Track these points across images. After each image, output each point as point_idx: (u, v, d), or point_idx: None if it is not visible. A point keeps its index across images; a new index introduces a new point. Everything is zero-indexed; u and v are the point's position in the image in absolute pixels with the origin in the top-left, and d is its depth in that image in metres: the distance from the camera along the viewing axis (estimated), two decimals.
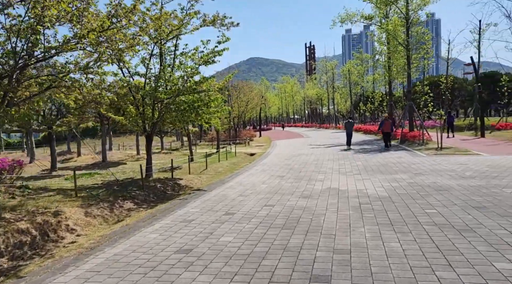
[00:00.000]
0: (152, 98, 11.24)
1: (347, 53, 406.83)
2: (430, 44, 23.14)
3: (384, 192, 8.91)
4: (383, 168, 12.90)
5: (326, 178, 11.47)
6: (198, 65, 11.78)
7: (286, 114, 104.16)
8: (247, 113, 42.77)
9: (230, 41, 11.98)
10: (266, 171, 13.94)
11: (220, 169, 16.65)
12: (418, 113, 23.35)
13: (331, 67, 59.16)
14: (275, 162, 17.09)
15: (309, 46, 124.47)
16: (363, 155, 17.88)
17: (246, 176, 13.05)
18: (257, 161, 18.12)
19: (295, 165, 15.28)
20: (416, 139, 21.71)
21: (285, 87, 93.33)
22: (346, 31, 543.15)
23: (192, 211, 7.91)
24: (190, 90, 11.19)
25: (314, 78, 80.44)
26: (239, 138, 34.93)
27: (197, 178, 13.75)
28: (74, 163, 23.21)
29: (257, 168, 15.21)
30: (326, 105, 72.18)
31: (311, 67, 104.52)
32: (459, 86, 47.33)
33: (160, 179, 12.45)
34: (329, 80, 60.54)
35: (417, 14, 22.85)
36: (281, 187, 10.37)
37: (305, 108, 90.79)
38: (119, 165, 19.59)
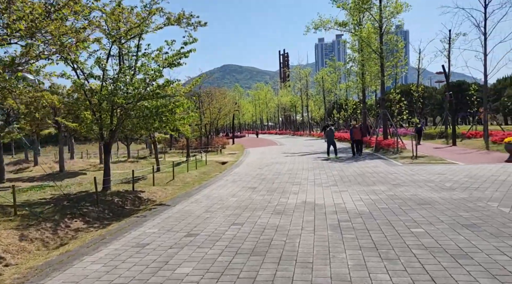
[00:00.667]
0: (109, 104, 10.13)
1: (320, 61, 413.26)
2: (403, 52, 23.05)
3: (363, 206, 8.17)
4: (360, 179, 12.25)
5: (301, 190, 10.67)
6: (162, 68, 10.77)
7: (260, 122, 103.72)
8: (219, 120, 41.76)
9: (197, 42, 11.06)
10: (237, 182, 13.01)
11: (188, 179, 15.59)
12: (392, 121, 23.12)
13: (305, 74, 59.13)
14: (247, 171, 16.19)
15: (283, 54, 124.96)
16: (339, 163, 17.28)
17: (215, 187, 12.08)
18: (228, 170, 17.17)
19: (268, 175, 14.44)
20: (390, 148, 21.40)
21: (259, 94, 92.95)
22: (319, 40, 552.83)
23: (148, 232, 6.87)
24: (153, 95, 10.16)
25: (288, 85, 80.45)
26: (211, 146, 33.85)
27: (161, 190, 12.65)
28: (29, 173, 21.46)
29: (228, 178, 14.26)
30: (300, 112, 72.16)
31: (285, 74, 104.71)
32: (429, 95, 48.22)
33: (119, 192, 11.28)
34: (303, 88, 60.47)
35: (390, 22, 22.73)
36: (252, 200, 9.47)
37: (279, 115, 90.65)
38: (78, 175, 18.14)
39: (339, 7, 23.98)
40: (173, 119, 10.75)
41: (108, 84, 10.29)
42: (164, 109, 10.38)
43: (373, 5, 22.77)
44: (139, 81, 10.13)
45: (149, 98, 10.38)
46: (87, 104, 10.58)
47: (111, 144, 11.25)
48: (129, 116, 10.47)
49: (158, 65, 10.74)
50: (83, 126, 10.87)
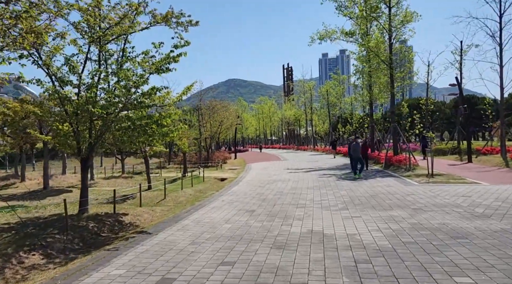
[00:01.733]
0: (85, 113, 8.79)
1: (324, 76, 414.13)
2: (413, 62, 21.78)
3: (383, 239, 6.67)
4: (373, 201, 10.74)
5: (306, 215, 9.19)
6: (148, 74, 9.45)
7: (264, 136, 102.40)
8: (221, 134, 40.43)
9: (189, 45, 9.76)
10: (234, 203, 11.55)
11: (181, 199, 14.13)
12: (403, 136, 21.65)
13: (309, 87, 57.94)
14: (246, 190, 14.72)
15: (287, 68, 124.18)
16: (347, 182, 15.77)
17: (209, 210, 10.62)
18: (226, 189, 15.69)
19: (269, 195, 12.97)
20: (402, 164, 19.88)
21: (263, 108, 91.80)
22: (323, 55, 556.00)
23: (113, 275, 5.41)
24: (137, 104, 8.82)
25: (292, 99, 79.33)
26: (212, 161, 32.43)
27: (148, 212, 11.19)
28: (13, 189, 20.11)
29: (224, 198, 12.79)
30: (304, 126, 70.81)
31: (289, 88, 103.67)
32: (437, 109, 46.81)
33: (98, 216, 9.83)
34: (307, 101, 59.22)
35: (400, 31, 21.50)
36: (249, 228, 8.01)
37: (282, 129, 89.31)
38: (62, 193, 16.74)
39: (346, 15, 22.85)
40: (161, 132, 9.38)
41: (83, 91, 8.97)
42: (149, 121, 9.03)
43: (382, 14, 21.60)
44: (120, 89, 8.81)
45: (132, 108, 9.04)
46: (63, 115, 9.26)
47: (89, 159, 9.87)
48: (109, 128, 9.11)
49: (144, 70, 9.43)
50: (56, 139, 9.50)
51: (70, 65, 8.75)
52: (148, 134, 9.25)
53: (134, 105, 8.86)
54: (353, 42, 25.85)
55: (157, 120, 9.07)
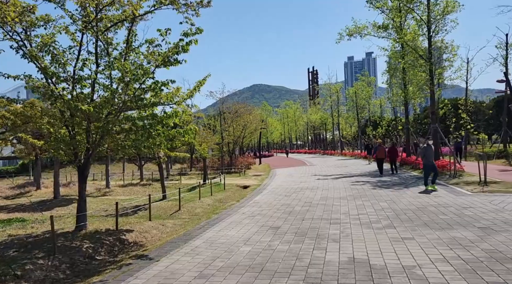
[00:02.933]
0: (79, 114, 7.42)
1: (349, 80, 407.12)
2: (456, 56, 19.58)
3: (457, 276, 4.89)
4: (424, 216, 8.87)
5: (343, 235, 7.47)
6: (154, 66, 8.04)
7: (289, 140, 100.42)
8: (245, 139, 38.98)
9: (202, 33, 8.29)
10: (256, 217, 9.95)
11: (197, 210, 12.67)
12: (445, 139, 19.43)
13: (336, 90, 55.69)
14: (270, 200, 13.09)
15: (312, 71, 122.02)
16: (385, 191, 13.86)
17: (226, 225, 9.07)
18: (248, 199, 14.11)
19: (296, 206, 11.30)
20: (445, 170, 17.71)
21: (288, 112, 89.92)
22: (348, 59, 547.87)
23: None
24: (136, 101, 7.40)
25: (318, 102, 77.14)
26: (235, 166, 30.96)
27: (158, 226, 9.76)
28: (26, 198, 19.31)
29: (245, 210, 11.21)
30: (330, 130, 68.45)
31: (314, 91, 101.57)
32: (476, 110, 43.66)
33: (97, 233, 8.45)
34: (334, 104, 56.96)
35: (441, 23, 19.38)
36: (272, 253, 6.39)
37: (308, 133, 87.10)
38: (72, 203, 15.64)
39: (379, 7, 20.93)
40: (167, 135, 7.92)
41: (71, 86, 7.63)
42: (153, 121, 7.60)
43: (420, 4, 19.56)
44: (118, 83, 7.42)
45: (133, 106, 7.64)
46: (55, 116, 7.96)
47: (87, 167, 8.54)
48: (108, 132, 7.74)
49: (149, 63, 8.02)
50: (49, 143, 8.20)
51: (51, 52, 7.40)
52: (152, 137, 7.81)
53: (135, 103, 7.45)
54: (385, 38, 23.81)
55: (162, 120, 7.62)
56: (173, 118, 7.73)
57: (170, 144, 8.66)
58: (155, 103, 7.83)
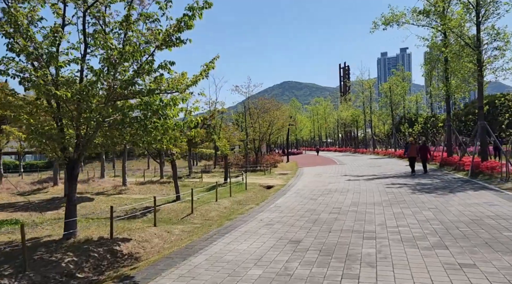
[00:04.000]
0: (51, 99, 6.23)
1: (382, 76, 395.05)
2: (509, 44, 17.20)
3: None
4: (483, 233, 7.12)
5: (380, 256, 5.91)
6: (154, 47, 6.75)
7: (319, 138, 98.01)
8: (272, 136, 37.48)
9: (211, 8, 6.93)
10: (274, 225, 8.52)
11: (212, 214, 11.38)
12: (495, 137, 17.17)
13: (369, 85, 53.06)
14: (293, 204, 11.61)
15: (343, 67, 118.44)
16: (427, 195, 12.03)
17: (238, 236, 7.70)
18: (269, 201, 12.69)
19: (322, 213, 9.77)
20: (495, 172, 15.55)
21: (318, 109, 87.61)
22: (382, 55, 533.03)
23: None
24: (125, 86, 6.12)
25: (349, 99, 74.41)
26: (260, 164, 29.58)
27: (162, 234, 8.52)
28: (41, 195, 18.75)
29: (264, 216, 9.80)
30: (362, 128, 65.72)
31: (346, 87, 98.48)
32: None
33: (87, 242, 7.30)
34: (366, 100, 54.34)
35: (492, 6, 17.06)
36: (288, 280, 4.94)
37: (338, 131, 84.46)
38: (82, 202, 14.74)
39: None
40: (165, 128, 6.62)
41: (44, 66, 6.44)
42: (148, 111, 6.32)
43: None
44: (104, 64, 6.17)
45: (129, 94, 6.38)
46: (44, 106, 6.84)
47: (76, 165, 7.40)
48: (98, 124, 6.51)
49: (147, 42, 6.74)
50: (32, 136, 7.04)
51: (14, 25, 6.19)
52: (148, 131, 6.54)
53: (126, 89, 6.18)
54: (426, 26, 21.62)
55: (158, 110, 6.31)
56: (171, 107, 6.41)
57: (172, 139, 7.38)
58: (153, 91, 6.53)
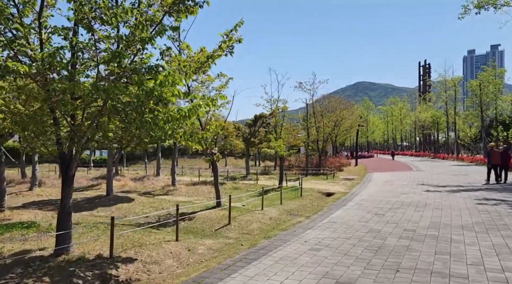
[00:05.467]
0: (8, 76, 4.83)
1: (468, 76, 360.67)
2: None
3: None
4: None
5: None
6: (163, 14, 5.12)
7: (393, 141, 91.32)
8: (338, 137, 34.66)
9: None
10: (321, 252, 6.44)
11: (252, 226, 9.57)
12: None
13: (453, 83, 47.31)
14: (353, 220, 9.34)
15: (423, 65, 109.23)
16: None
17: (268, 266, 5.78)
18: (325, 213, 10.51)
19: (389, 237, 7.43)
20: None
21: (393, 110, 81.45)
22: (469, 52, 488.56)
23: None
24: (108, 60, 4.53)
25: (429, 99, 67.79)
26: (324, 167, 27.12)
27: (180, 252, 6.91)
28: (91, 191, 18.48)
29: (311, 236, 7.73)
30: (443, 130, 59.25)
31: (426, 86, 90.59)
32: None
33: (79, 261, 5.91)
34: (450, 100, 48.53)
35: None
36: None
37: (415, 134, 77.61)
38: (120, 203, 13.85)
39: None
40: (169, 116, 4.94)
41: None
42: (141, 94, 4.67)
43: None
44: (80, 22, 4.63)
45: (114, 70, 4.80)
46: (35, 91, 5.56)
47: (72, 164, 6.03)
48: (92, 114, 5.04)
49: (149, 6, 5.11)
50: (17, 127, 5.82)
51: None
52: (147, 122, 4.91)
53: (109, 62, 4.60)
54: None
55: (153, 91, 4.62)
56: (172, 88, 4.69)
57: (188, 134, 5.73)
58: (153, 69, 4.88)
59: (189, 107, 5.03)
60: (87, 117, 5.48)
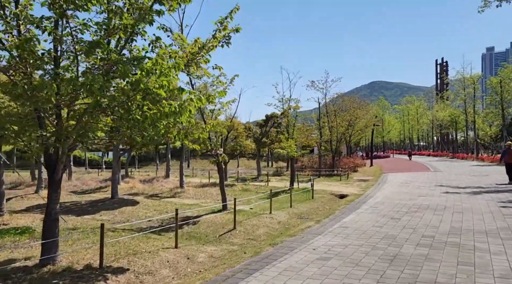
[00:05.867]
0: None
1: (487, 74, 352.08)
2: None
3: None
4: None
5: None
6: None
7: (409, 140, 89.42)
8: (352, 137, 33.82)
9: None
10: (330, 261, 5.88)
11: (259, 231, 9.06)
12: None
13: (472, 81, 45.79)
14: (367, 224, 8.72)
15: (440, 63, 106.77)
16: None
17: (271, 279, 5.26)
18: (336, 217, 9.90)
19: (406, 244, 6.81)
20: None
21: (409, 109, 79.66)
22: (487, 50, 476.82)
23: None
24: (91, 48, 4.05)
25: (446, 97, 66.03)
26: (337, 168, 26.39)
27: (177, 262, 6.44)
28: (98, 194, 18.23)
29: (320, 243, 7.16)
30: (462, 130, 57.52)
31: (443, 84, 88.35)
32: None
33: (64, 272, 5.50)
34: (469, 98, 46.99)
35: None
36: None
37: (433, 133, 75.74)
38: (124, 206, 13.46)
39: None
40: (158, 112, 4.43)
41: None
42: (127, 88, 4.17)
43: None
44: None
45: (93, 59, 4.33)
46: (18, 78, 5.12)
47: (57, 168, 5.59)
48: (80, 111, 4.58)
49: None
50: None
51: None
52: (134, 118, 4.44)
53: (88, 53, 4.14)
54: None
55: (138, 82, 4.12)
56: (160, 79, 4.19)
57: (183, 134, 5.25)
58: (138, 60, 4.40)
59: (179, 102, 4.54)
60: (72, 115, 5.06)
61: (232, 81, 10.08)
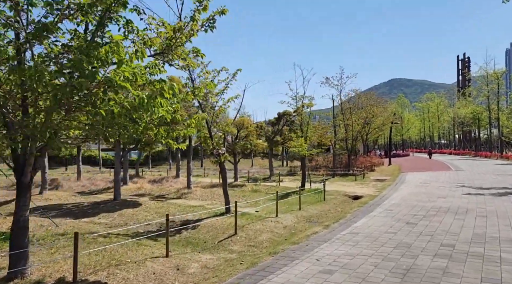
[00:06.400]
0: None
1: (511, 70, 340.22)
2: None
3: None
4: None
5: None
6: None
7: (430, 139, 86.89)
8: (369, 135, 32.70)
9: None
10: (334, 276, 5.22)
11: (262, 237, 8.43)
12: None
13: (496, 76, 43.83)
14: (379, 230, 7.98)
15: (462, 59, 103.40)
16: None
17: None
18: (347, 221, 9.17)
19: (421, 254, 6.07)
20: None
21: (429, 106, 77.28)
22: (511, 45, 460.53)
23: None
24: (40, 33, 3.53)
25: (468, 94, 63.71)
26: (353, 167, 25.43)
27: (165, 273, 5.88)
28: (104, 195, 17.90)
29: (325, 252, 6.47)
30: (485, 127, 55.36)
31: (465, 80, 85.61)
32: None
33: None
34: (492, 95, 45.03)
35: None
36: None
37: (454, 131, 73.32)
38: (125, 208, 13.00)
39: None
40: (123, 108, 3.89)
41: None
42: (83, 80, 3.64)
43: None
44: None
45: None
46: None
47: (26, 171, 5.02)
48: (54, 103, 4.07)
49: None
50: None
51: None
52: (98, 113, 3.87)
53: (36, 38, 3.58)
54: None
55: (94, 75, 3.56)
56: (119, 70, 3.62)
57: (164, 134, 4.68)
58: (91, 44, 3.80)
59: (147, 93, 3.95)
60: (38, 112, 4.55)
61: (235, 76, 9.48)
